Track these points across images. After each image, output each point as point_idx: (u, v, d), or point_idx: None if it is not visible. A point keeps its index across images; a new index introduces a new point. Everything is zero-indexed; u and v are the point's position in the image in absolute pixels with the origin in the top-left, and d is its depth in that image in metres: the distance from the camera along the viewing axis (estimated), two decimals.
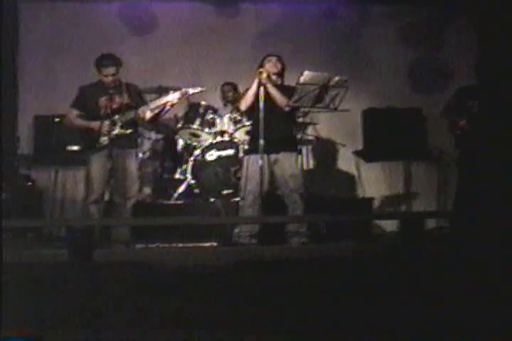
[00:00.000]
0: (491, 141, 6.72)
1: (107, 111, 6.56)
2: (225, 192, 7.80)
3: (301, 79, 6.41)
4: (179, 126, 8.24)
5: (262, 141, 6.42)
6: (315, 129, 8.77)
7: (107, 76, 6.55)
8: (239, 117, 8.07)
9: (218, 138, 8.01)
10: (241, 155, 7.68)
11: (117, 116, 6.56)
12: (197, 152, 7.95)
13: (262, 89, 6.52)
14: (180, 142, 8.32)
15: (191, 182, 7.88)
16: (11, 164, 8.55)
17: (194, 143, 8.16)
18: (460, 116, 7.01)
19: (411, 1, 9.10)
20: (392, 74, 9.10)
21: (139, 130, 7.18)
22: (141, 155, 7.95)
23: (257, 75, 6.57)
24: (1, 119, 5.40)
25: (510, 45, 7.02)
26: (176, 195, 7.90)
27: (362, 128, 8.81)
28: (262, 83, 6.53)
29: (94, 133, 6.54)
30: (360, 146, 8.88)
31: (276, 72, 6.70)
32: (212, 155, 7.91)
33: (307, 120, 8.45)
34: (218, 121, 8.14)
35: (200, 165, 7.89)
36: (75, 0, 9.04)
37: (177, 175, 8.17)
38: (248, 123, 7.78)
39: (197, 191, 7.85)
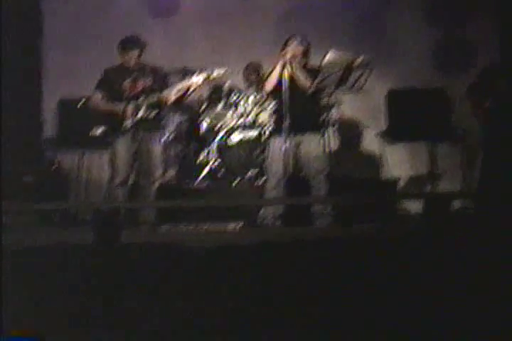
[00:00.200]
0: None
1: (131, 94, 6.57)
2: (249, 173, 7.81)
3: (325, 60, 6.39)
4: (203, 108, 8.24)
5: (286, 123, 6.41)
6: (339, 110, 8.73)
7: (130, 58, 6.55)
8: (263, 99, 8.06)
9: (242, 120, 8.01)
10: (265, 136, 7.68)
11: (141, 98, 6.57)
12: (221, 134, 7.95)
13: (286, 70, 6.51)
14: (204, 124, 8.31)
15: (216, 163, 7.89)
16: (36, 148, 8.59)
17: (218, 125, 8.15)
18: (485, 96, 6.96)
19: None
20: (416, 54, 9.02)
21: (163, 112, 7.19)
22: (165, 137, 7.96)
23: (281, 57, 6.56)
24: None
25: None
26: (200, 177, 7.91)
27: (385, 108, 8.74)
28: (286, 64, 6.52)
29: (118, 116, 6.55)
30: (384, 127, 8.82)
31: (300, 53, 6.67)
32: (236, 137, 7.91)
33: (331, 101, 8.41)
34: (242, 102, 8.13)
35: (224, 147, 7.90)
36: None
37: (201, 157, 8.17)
38: (272, 105, 7.76)
39: (221, 173, 7.86)
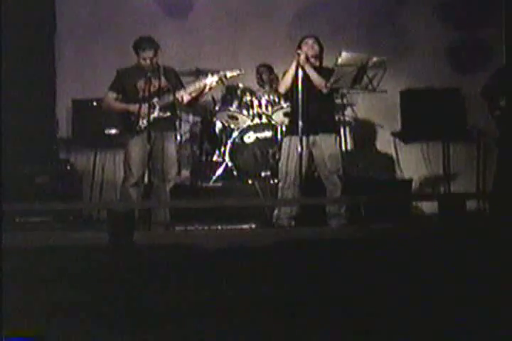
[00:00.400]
0: None
1: (145, 94, 6.56)
2: (263, 174, 7.80)
3: (339, 60, 6.39)
4: (217, 108, 8.25)
5: (300, 123, 6.41)
6: (353, 110, 8.72)
7: (145, 59, 6.54)
8: (276, 99, 8.06)
9: (256, 120, 8.01)
10: (279, 137, 7.68)
11: (156, 99, 6.57)
12: (235, 134, 7.95)
13: (301, 71, 6.51)
14: (218, 124, 8.32)
15: (229, 164, 7.89)
16: (50, 148, 8.61)
17: (232, 126, 8.16)
18: (500, 96, 6.93)
19: None
20: (430, 54, 8.98)
21: (177, 113, 7.19)
22: (179, 138, 7.97)
23: (296, 57, 6.55)
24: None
25: None
26: (215, 178, 7.92)
27: (400, 108, 8.72)
28: (300, 65, 6.52)
29: (132, 116, 6.55)
30: (398, 127, 8.80)
31: (314, 53, 6.67)
32: (250, 138, 7.91)
33: (345, 101, 8.40)
34: (256, 103, 8.13)
35: (238, 148, 7.90)
36: None
37: (215, 158, 8.18)
38: (286, 105, 7.77)
39: (235, 173, 7.87)
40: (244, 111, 8.10)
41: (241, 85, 8.18)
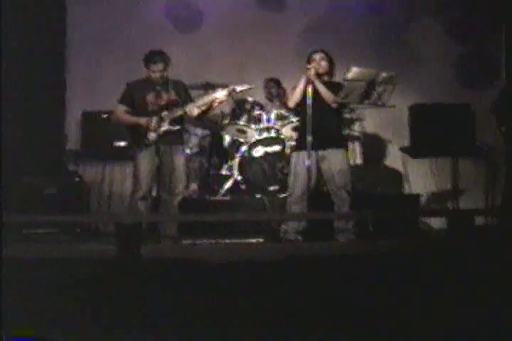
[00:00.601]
0: None
1: (154, 108, 6.58)
2: (271, 188, 7.80)
3: (349, 75, 6.38)
4: (226, 122, 8.26)
5: (309, 137, 6.40)
6: (362, 125, 8.73)
7: (155, 72, 6.55)
8: (285, 113, 8.07)
9: (265, 134, 8.02)
10: (288, 151, 7.68)
11: (165, 112, 6.58)
12: (243, 148, 7.96)
13: (310, 85, 6.51)
14: (227, 138, 8.33)
15: (238, 178, 7.90)
16: (59, 159, 8.62)
17: (241, 139, 8.17)
18: (509, 111, 6.92)
19: None
20: (439, 70, 9.01)
21: (186, 126, 7.19)
22: (188, 151, 7.98)
23: (305, 72, 6.56)
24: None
25: None
26: (223, 191, 7.92)
27: (409, 124, 8.72)
28: (309, 80, 6.52)
29: (141, 129, 6.56)
30: (407, 142, 8.80)
31: (323, 68, 6.66)
32: (258, 152, 7.91)
33: (354, 116, 8.42)
34: (265, 117, 8.14)
35: (247, 162, 7.90)
36: None
37: (224, 172, 8.19)
38: (295, 120, 7.78)
39: (243, 187, 7.87)
40: (253, 125, 8.11)
41: (250, 99, 8.20)
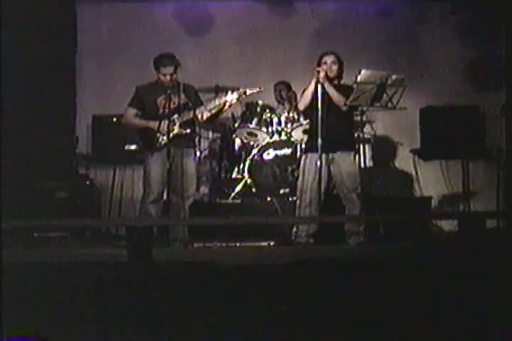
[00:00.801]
0: None
1: (164, 111, 6.57)
2: (282, 191, 7.81)
3: (359, 78, 6.38)
4: (236, 125, 8.27)
5: (320, 140, 6.40)
6: (372, 128, 8.72)
7: (165, 75, 6.56)
8: (296, 116, 8.07)
9: (275, 137, 8.02)
10: (298, 154, 7.68)
11: (175, 115, 6.58)
12: (254, 151, 7.97)
13: (320, 88, 6.50)
14: (238, 141, 8.34)
15: (248, 181, 7.90)
16: (70, 163, 8.64)
17: (251, 143, 8.17)
18: None
19: None
20: (449, 72, 9.00)
21: (197, 129, 7.20)
22: (198, 154, 7.99)
23: (315, 74, 6.55)
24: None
25: None
26: (234, 195, 7.92)
27: (419, 126, 8.71)
28: (319, 82, 6.51)
29: (152, 132, 6.56)
30: (417, 145, 8.79)
31: (334, 70, 6.65)
32: (269, 155, 7.92)
33: (364, 118, 8.40)
34: (275, 120, 8.14)
35: (258, 165, 7.91)
36: (131, 1, 9.13)
37: (234, 175, 8.20)
38: (305, 122, 7.77)
39: (254, 190, 7.87)
40: (264, 128, 8.11)
41: (260, 102, 8.20)
